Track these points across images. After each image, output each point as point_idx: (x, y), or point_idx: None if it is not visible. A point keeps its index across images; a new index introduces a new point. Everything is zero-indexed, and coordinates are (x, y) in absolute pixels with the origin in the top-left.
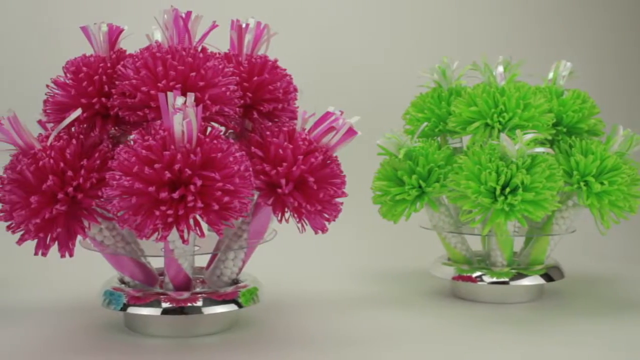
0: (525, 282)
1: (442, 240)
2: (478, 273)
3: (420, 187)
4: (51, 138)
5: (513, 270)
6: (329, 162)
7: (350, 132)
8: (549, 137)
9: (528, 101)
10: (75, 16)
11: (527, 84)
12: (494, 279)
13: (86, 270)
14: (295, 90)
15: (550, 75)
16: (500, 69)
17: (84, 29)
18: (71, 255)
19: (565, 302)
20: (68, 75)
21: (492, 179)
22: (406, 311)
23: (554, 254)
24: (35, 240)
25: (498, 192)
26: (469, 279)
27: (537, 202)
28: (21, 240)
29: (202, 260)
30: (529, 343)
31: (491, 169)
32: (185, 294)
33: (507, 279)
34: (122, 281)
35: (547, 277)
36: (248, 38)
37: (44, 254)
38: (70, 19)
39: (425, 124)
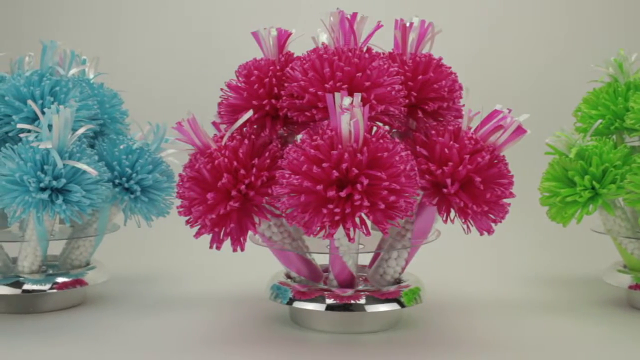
0: None
1: (617, 246)
2: None
3: (593, 188)
4: (225, 138)
5: None
6: (496, 161)
7: (519, 130)
8: None
9: None
10: (246, 22)
11: None
12: None
13: (255, 264)
14: (461, 88)
15: None
16: None
17: (255, 34)
18: (242, 249)
19: None
20: (240, 78)
21: None
22: (577, 320)
23: None
24: (210, 235)
25: None
26: None
27: None
28: (198, 234)
29: (364, 259)
30: None
31: None
32: (349, 291)
33: None
34: (288, 276)
35: None
36: (412, 37)
37: (218, 248)
38: (242, 25)
39: (600, 121)
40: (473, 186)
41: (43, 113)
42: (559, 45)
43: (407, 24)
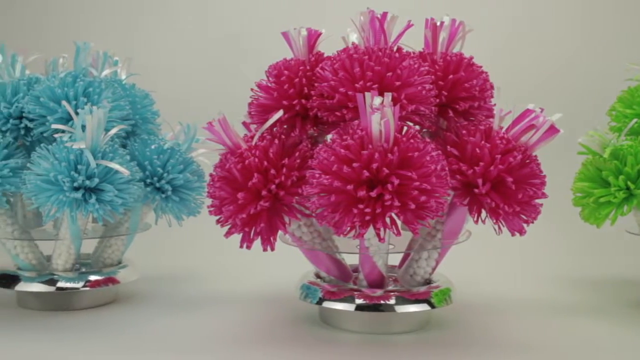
0: None
1: None
2: None
3: (628, 188)
4: (256, 138)
5: None
6: (528, 161)
7: (552, 130)
8: None
9: None
10: (275, 22)
11: None
12: None
13: (285, 264)
14: (492, 87)
15: None
16: None
17: (285, 34)
18: (272, 249)
19: None
20: (270, 78)
21: None
22: (609, 322)
23: None
24: (241, 234)
25: None
26: None
27: None
28: (228, 234)
29: (394, 259)
30: None
31: None
32: (379, 292)
33: None
34: (317, 276)
35: None
36: (443, 36)
37: (248, 247)
38: (271, 25)
39: (635, 120)
40: (505, 186)
41: (77, 114)
42: (593, 43)
43: (438, 23)
